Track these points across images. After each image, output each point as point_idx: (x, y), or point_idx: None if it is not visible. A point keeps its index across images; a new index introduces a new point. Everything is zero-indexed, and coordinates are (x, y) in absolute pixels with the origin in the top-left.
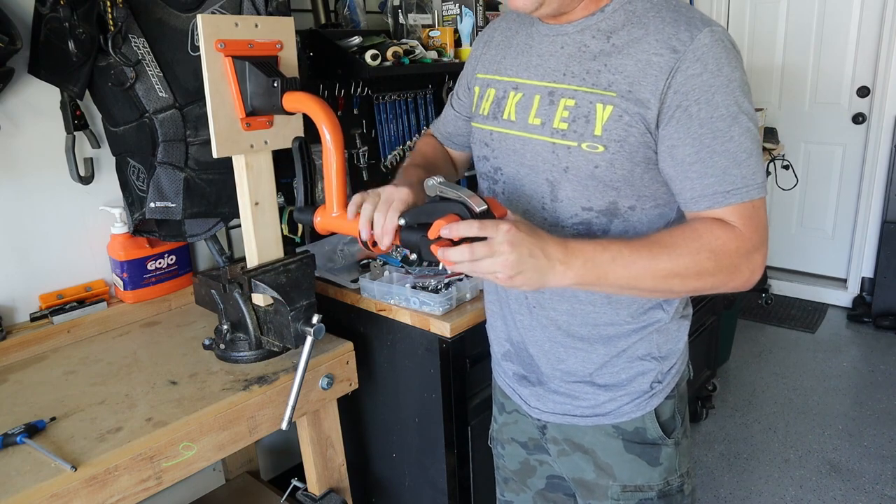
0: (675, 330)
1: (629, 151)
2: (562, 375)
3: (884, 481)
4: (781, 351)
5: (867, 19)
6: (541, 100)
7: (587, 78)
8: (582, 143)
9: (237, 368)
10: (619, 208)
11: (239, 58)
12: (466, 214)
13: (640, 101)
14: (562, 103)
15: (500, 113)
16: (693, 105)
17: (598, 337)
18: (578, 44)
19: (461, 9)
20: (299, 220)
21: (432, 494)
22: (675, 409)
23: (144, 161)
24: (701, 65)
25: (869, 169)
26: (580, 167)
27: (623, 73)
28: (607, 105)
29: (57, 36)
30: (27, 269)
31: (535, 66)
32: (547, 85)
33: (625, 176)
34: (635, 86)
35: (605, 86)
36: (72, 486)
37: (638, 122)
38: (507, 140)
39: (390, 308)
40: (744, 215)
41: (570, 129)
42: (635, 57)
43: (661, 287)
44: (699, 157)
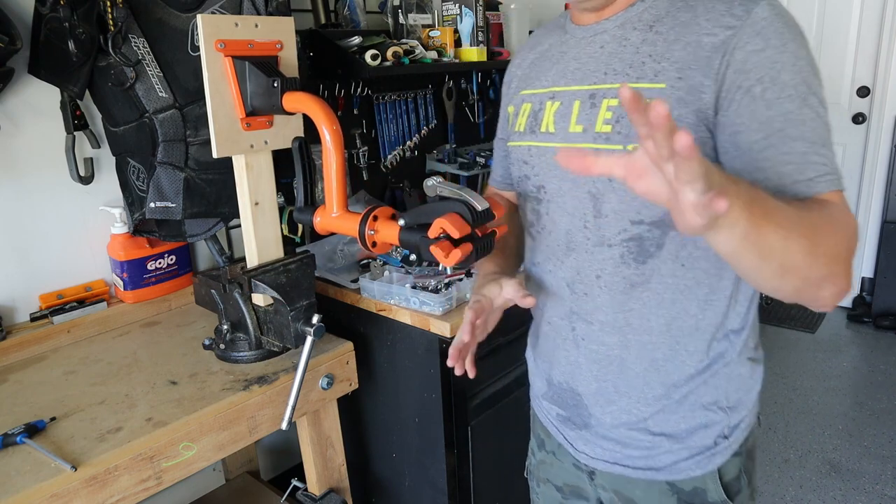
0: (748, 376)
1: None
2: (612, 420)
3: (884, 481)
4: (781, 351)
5: (867, 19)
6: (581, 105)
7: (630, 72)
8: (628, 146)
9: (237, 368)
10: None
11: (239, 58)
12: (466, 213)
13: (693, 87)
14: (604, 105)
15: (538, 126)
16: (756, 85)
17: (655, 375)
18: (619, 39)
19: (461, 9)
20: (299, 220)
21: (432, 494)
22: (742, 469)
23: (144, 161)
24: (762, 39)
25: (869, 169)
26: None
27: (670, 59)
28: (654, 99)
29: (57, 36)
30: (27, 269)
31: (573, 71)
32: (587, 88)
33: None
34: (686, 71)
35: (651, 76)
36: (72, 486)
37: (690, 116)
38: (548, 154)
39: (390, 308)
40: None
41: (614, 130)
42: (683, 40)
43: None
44: (769, 142)
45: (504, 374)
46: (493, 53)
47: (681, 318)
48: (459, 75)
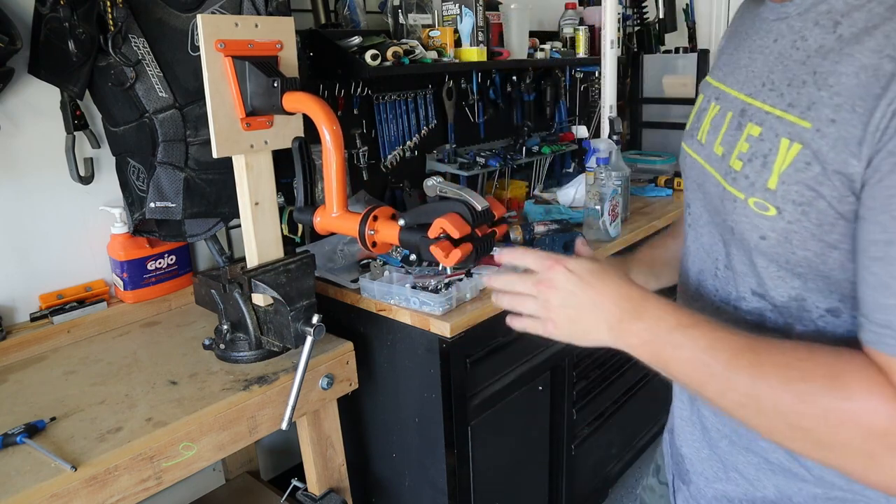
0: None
1: (817, 223)
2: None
3: None
4: None
5: None
6: (731, 120)
7: (787, 93)
8: (750, 198)
9: (237, 368)
10: (808, 310)
11: (239, 58)
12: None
13: (843, 141)
14: (747, 130)
15: (697, 130)
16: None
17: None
18: (795, 35)
19: (461, 9)
20: (299, 220)
21: (432, 494)
22: None
23: (144, 161)
24: None
25: None
26: (744, 233)
27: (834, 87)
28: (795, 142)
29: (57, 36)
30: (27, 269)
31: (742, 68)
32: (743, 99)
33: (810, 260)
34: (843, 112)
35: (804, 108)
36: (72, 486)
37: (834, 178)
38: (695, 169)
39: (390, 308)
40: None
41: (743, 172)
42: (858, 60)
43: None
44: (888, 252)
45: (504, 374)
46: (493, 53)
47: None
48: (459, 75)
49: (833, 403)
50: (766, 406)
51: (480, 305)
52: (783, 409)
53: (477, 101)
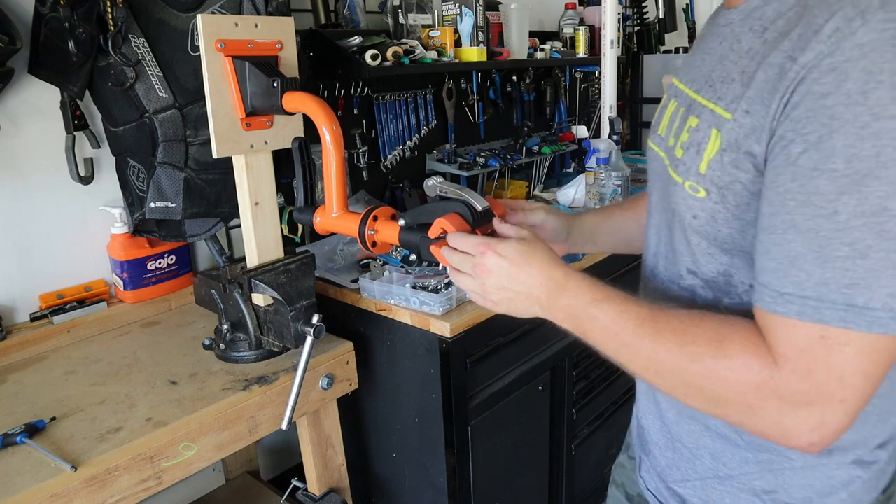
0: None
1: (736, 204)
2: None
3: None
4: None
5: None
6: (682, 114)
7: (719, 88)
8: (686, 182)
9: (237, 368)
10: (733, 284)
11: (239, 58)
12: (467, 213)
13: (753, 129)
14: (689, 122)
15: (658, 125)
16: (798, 141)
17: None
18: (733, 39)
19: (461, 9)
20: (299, 220)
21: (432, 494)
22: None
23: (144, 161)
24: (835, 80)
25: None
26: (682, 214)
27: (752, 83)
28: (721, 132)
29: (57, 36)
30: (27, 269)
31: (695, 68)
32: (691, 95)
33: (734, 238)
34: (756, 105)
35: (729, 101)
36: (72, 486)
37: (747, 163)
38: (656, 160)
39: (390, 308)
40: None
41: (683, 159)
42: (769, 60)
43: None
44: (772, 221)
45: (504, 374)
46: (493, 53)
47: None
48: (459, 75)
49: (715, 363)
50: (664, 367)
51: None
52: (678, 369)
53: (477, 101)
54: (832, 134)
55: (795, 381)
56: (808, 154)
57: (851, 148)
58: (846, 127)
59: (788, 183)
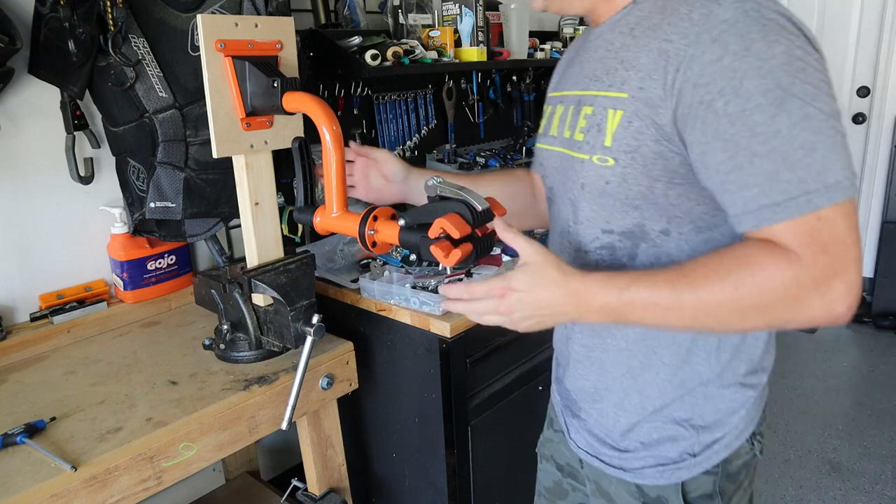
0: (729, 399)
1: (643, 164)
2: (596, 416)
3: (884, 481)
4: (781, 351)
5: (867, 19)
6: (573, 110)
7: (605, 79)
8: (593, 156)
9: (237, 368)
10: (646, 232)
11: (239, 58)
12: (467, 213)
13: (650, 101)
14: (583, 112)
15: (549, 129)
16: (718, 98)
17: (631, 382)
18: (607, 43)
19: (461, 9)
20: (299, 220)
21: (432, 494)
22: (717, 489)
23: (144, 161)
24: (720, 47)
25: (869, 169)
26: (593, 184)
27: (636, 67)
28: (618, 110)
29: (57, 36)
30: (27, 269)
31: (575, 76)
32: (577, 94)
33: (644, 193)
34: (646, 82)
35: (618, 86)
36: (72, 486)
37: (650, 129)
38: (552, 157)
39: (390, 308)
40: (804, 233)
41: (585, 140)
42: (648, 46)
43: (696, 326)
44: (735, 162)
45: (504, 374)
46: (493, 53)
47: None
48: (459, 75)
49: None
50: (714, 307)
51: None
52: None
53: (477, 101)
54: (741, 81)
55: (818, 260)
56: (733, 102)
57: (760, 85)
58: (748, 72)
59: (729, 128)
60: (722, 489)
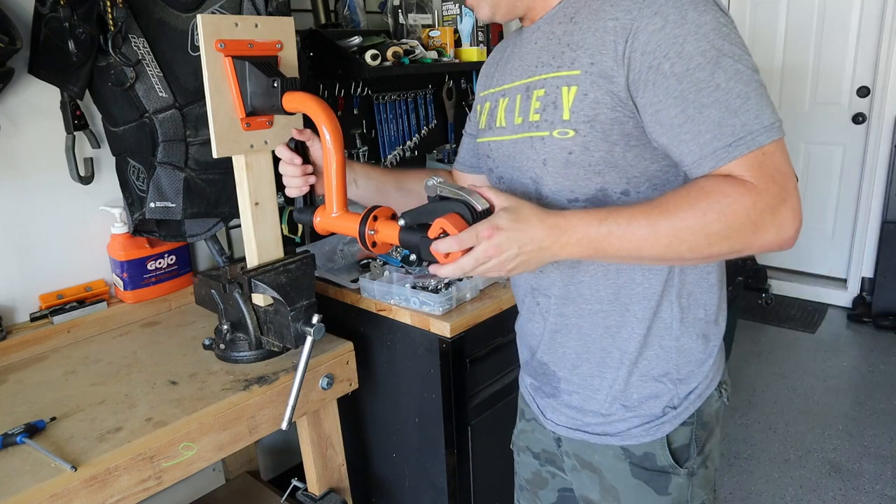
0: (699, 351)
1: (602, 131)
2: (579, 382)
3: (884, 481)
4: (781, 351)
5: (867, 19)
6: (521, 98)
7: (553, 62)
8: (553, 131)
9: (237, 368)
10: (608, 195)
11: (239, 58)
12: (467, 213)
13: (604, 72)
14: (534, 95)
15: (494, 122)
16: (664, 62)
17: (610, 341)
18: (547, 34)
19: (461, 9)
20: (299, 220)
21: (432, 494)
22: (693, 437)
23: (144, 161)
24: (661, 18)
25: (869, 169)
26: (556, 157)
27: (583, 47)
28: (572, 86)
29: (57, 36)
30: (27, 269)
31: (516, 68)
32: (523, 82)
33: (604, 158)
34: (596, 57)
35: (569, 65)
36: (72, 486)
37: (605, 97)
38: (502, 147)
39: (390, 308)
40: (754, 165)
41: (542, 118)
42: (592, 27)
43: (668, 254)
44: (687, 115)
45: (504, 374)
46: None
47: (627, 287)
48: (459, 75)
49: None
50: (686, 233)
51: (480, 305)
52: (698, 226)
53: None
54: (682, 45)
55: (770, 187)
56: (678, 64)
57: (698, 47)
58: (687, 37)
59: (677, 86)
60: (697, 437)
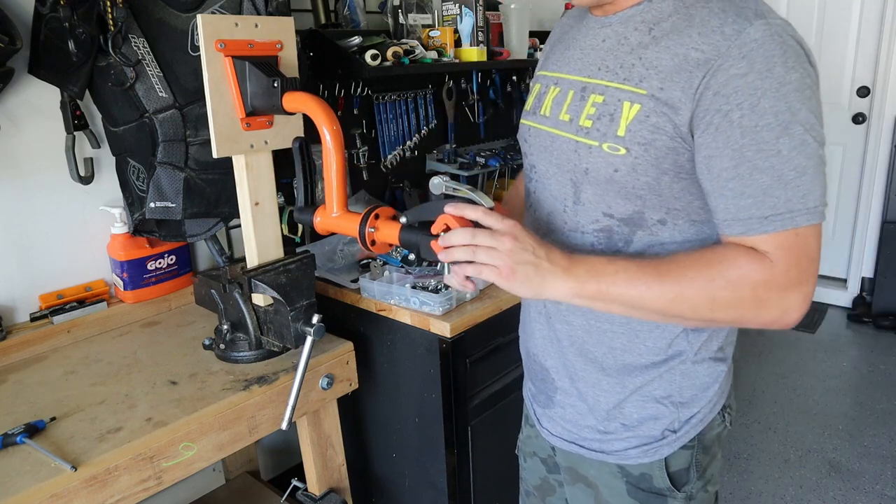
0: (705, 374)
1: (655, 157)
2: (577, 394)
3: (884, 481)
4: (781, 351)
5: (867, 19)
6: (574, 95)
7: (620, 72)
8: (603, 144)
9: (237, 368)
10: (645, 220)
11: (239, 58)
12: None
13: (671, 101)
14: (591, 99)
15: (539, 108)
16: (735, 110)
17: (612, 361)
18: (619, 36)
19: (461, 9)
20: (299, 220)
21: (432, 494)
22: (693, 461)
23: (144, 161)
24: (747, 63)
25: (869, 169)
26: (599, 169)
27: (657, 68)
28: (635, 103)
29: (57, 36)
30: (27, 269)
31: (576, 60)
32: (581, 80)
33: (649, 184)
34: (667, 83)
35: (636, 81)
36: (72, 486)
37: (667, 125)
38: (540, 136)
39: (390, 308)
40: (782, 245)
41: (594, 127)
42: (672, 50)
43: (669, 311)
44: (737, 172)
45: (504, 374)
46: (493, 53)
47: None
48: (459, 75)
49: (731, 274)
50: (690, 294)
51: (480, 305)
52: (703, 290)
53: (477, 101)
54: (759, 99)
55: (788, 271)
56: (748, 117)
57: (774, 106)
58: (766, 92)
59: (740, 139)
60: (698, 461)
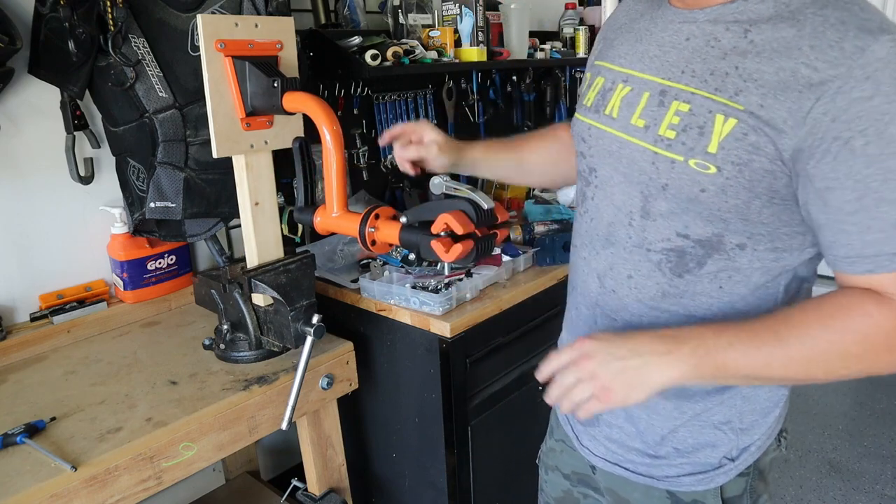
0: (765, 399)
1: (749, 179)
2: (626, 416)
3: (884, 481)
4: None
5: None
6: (650, 98)
7: (710, 80)
8: (690, 160)
9: (237, 368)
10: (724, 243)
11: (239, 58)
12: (472, 211)
13: (773, 122)
14: (673, 107)
15: (603, 106)
16: (857, 137)
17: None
18: (708, 36)
19: (461, 9)
20: (299, 220)
21: (432, 494)
22: (748, 488)
23: (144, 161)
24: (872, 85)
25: None
26: (682, 187)
27: (756, 81)
28: (730, 118)
29: (57, 36)
30: (27, 269)
31: (652, 58)
32: (661, 82)
33: (738, 207)
34: (769, 101)
35: (731, 94)
36: (72, 486)
37: (767, 146)
38: (605, 139)
39: (390, 308)
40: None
41: (678, 139)
42: (776, 63)
43: (798, 376)
44: (862, 204)
45: (504, 374)
46: (493, 53)
47: None
48: (459, 75)
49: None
50: (818, 353)
51: (480, 305)
52: (832, 346)
53: (477, 101)
54: (887, 125)
55: None
56: (873, 144)
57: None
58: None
59: (864, 169)
60: (753, 487)
